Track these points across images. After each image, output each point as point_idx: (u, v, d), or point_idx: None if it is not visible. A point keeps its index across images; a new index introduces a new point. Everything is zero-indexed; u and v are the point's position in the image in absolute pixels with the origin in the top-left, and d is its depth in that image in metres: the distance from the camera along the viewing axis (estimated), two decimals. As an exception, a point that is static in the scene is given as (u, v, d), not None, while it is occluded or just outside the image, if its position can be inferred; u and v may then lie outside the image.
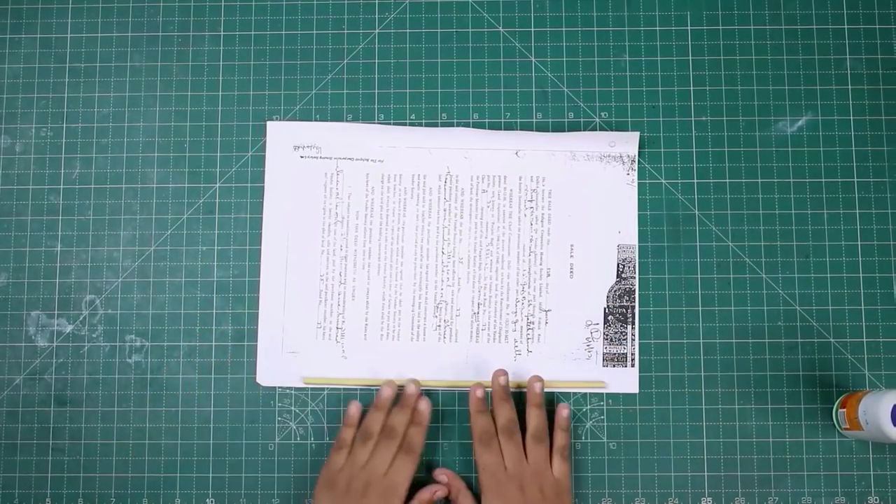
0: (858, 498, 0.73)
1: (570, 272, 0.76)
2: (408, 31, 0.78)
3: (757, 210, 0.76)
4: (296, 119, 0.78)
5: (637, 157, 0.76)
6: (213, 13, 0.79)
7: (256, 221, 0.77)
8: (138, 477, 0.74)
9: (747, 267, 0.76)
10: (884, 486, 0.73)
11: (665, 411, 0.74)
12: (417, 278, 0.76)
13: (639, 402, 0.74)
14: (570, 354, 0.75)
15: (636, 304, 0.75)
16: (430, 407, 0.72)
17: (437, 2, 0.79)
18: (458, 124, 0.77)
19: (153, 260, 0.77)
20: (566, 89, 0.78)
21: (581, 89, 0.78)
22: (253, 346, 0.76)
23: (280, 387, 0.75)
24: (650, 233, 0.76)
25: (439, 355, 0.75)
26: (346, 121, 0.78)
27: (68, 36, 0.79)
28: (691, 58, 0.78)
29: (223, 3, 0.79)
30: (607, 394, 0.75)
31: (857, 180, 0.76)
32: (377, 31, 0.79)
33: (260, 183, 0.77)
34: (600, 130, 0.77)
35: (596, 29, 0.78)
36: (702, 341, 0.75)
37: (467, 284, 0.76)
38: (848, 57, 0.78)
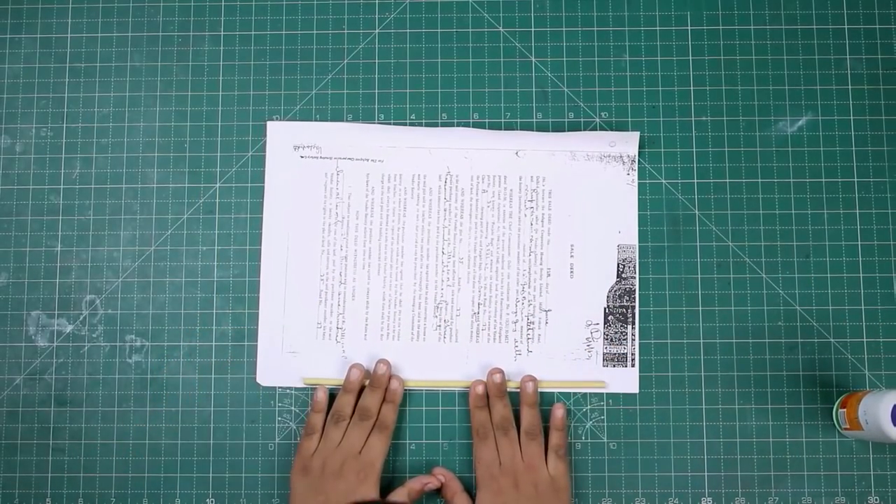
0: (858, 498, 0.73)
1: (571, 272, 0.76)
2: (408, 31, 0.78)
3: (757, 210, 0.76)
4: (296, 119, 0.78)
5: (637, 157, 0.76)
6: (213, 13, 0.79)
7: (256, 221, 0.77)
8: (138, 477, 0.74)
9: (747, 267, 0.76)
10: (884, 486, 0.73)
11: (665, 411, 0.74)
12: (417, 278, 0.76)
13: (639, 402, 0.74)
14: (570, 354, 0.75)
15: (636, 304, 0.75)
16: (402, 385, 0.73)
17: (437, 2, 0.79)
18: (458, 124, 0.77)
19: (153, 260, 0.77)
20: (566, 89, 0.78)
21: (581, 89, 0.78)
22: (253, 346, 0.76)
23: (280, 387, 0.75)
24: (650, 233, 0.76)
25: (439, 355, 0.75)
26: (346, 121, 0.78)
27: (68, 36, 0.79)
28: (691, 58, 0.78)
29: (223, 3, 0.79)
30: (607, 394, 0.75)
31: (857, 180, 0.76)
32: (377, 31, 0.79)
33: (260, 183, 0.77)
34: (600, 130, 0.77)
35: (596, 29, 0.78)
36: (702, 341, 0.75)
37: (467, 284, 0.76)
38: (848, 57, 0.78)
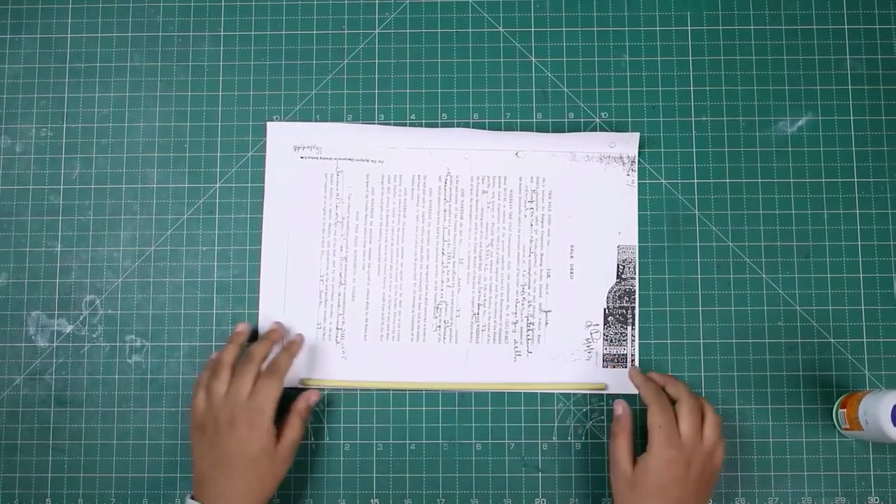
0: (858, 498, 0.73)
1: (570, 273, 0.76)
2: (408, 31, 0.78)
3: (757, 210, 0.76)
4: (296, 119, 0.78)
5: (637, 157, 0.76)
6: (213, 13, 0.79)
7: (256, 221, 0.77)
8: (138, 477, 0.74)
9: (747, 267, 0.76)
10: (884, 486, 0.73)
11: (665, 411, 0.74)
12: (417, 279, 0.76)
13: (639, 403, 0.74)
14: (570, 355, 0.75)
15: (636, 305, 0.75)
16: (303, 339, 0.73)
17: (437, 2, 0.79)
18: (458, 124, 0.77)
19: (153, 260, 0.77)
20: (566, 89, 0.78)
21: (581, 89, 0.78)
22: (253, 346, 0.76)
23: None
24: (650, 233, 0.76)
25: (439, 356, 0.75)
26: (347, 121, 0.78)
27: (68, 36, 0.79)
28: (691, 58, 0.78)
29: (223, 3, 0.79)
30: (608, 394, 0.75)
31: (857, 180, 0.76)
32: (377, 31, 0.79)
33: (260, 183, 0.77)
34: (600, 131, 0.77)
35: (596, 29, 0.78)
36: (702, 341, 0.75)
37: (467, 285, 0.76)
38: (848, 57, 0.78)
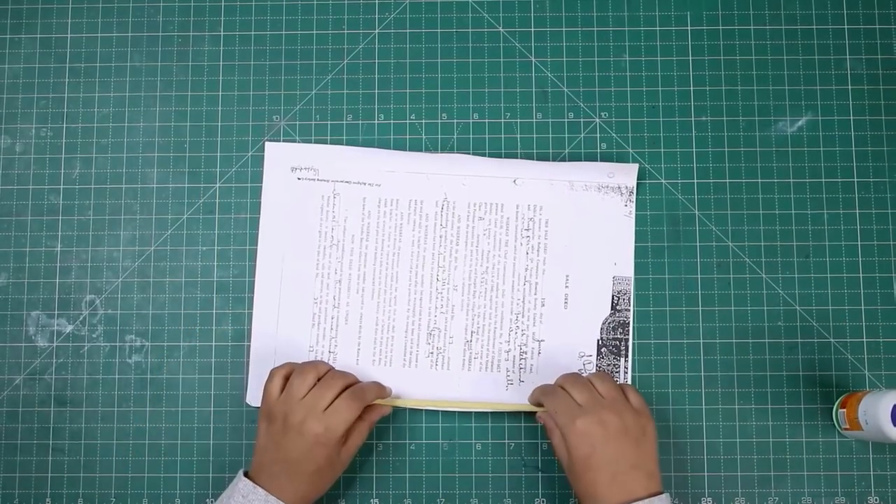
0: (858, 498, 0.73)
1: (565, 302, 0.75)
2: (408, 31, 0.78)
3: (757, 210, 0.76)
4: (296, 119, 0.77)
5: (636, 188, 0.76)
6: (213, 13, 0.79)
7: (256, 222, 0.77)
8: (138, 477, 0.74)
9: (747, 267, 0.76)
10: (884, 486, 0.73)
11: (665, 411, 0.74)
12: (411, 304, 0.75)
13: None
14: None
15: (630, 337, 0.75)
16: (391, 392, 0.73)
17: (437, 2, 0.79)
18: (458, 124, 0.77)
19: (153, 260, 0.77)
20: (566, 89, 0.78)
21: (581, 89, 0.78)
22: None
23: None
24: (650, 233, 0.76)
25: (431, 382, 0.74)
26: (347, 121, 0.78)
27: (68, 36, 0.79)
28: (691, 58, 0.78)
29: (223, 3, 0.79)
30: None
31: (857, 180, 0.76)
32: (377, 31, 0.79)
33: (260, 183, 0.77)
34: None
35: (596, 29, 0.78)
36: (702, 341, 0.75)
37: (461, 312, 0.75)
38: (848, 57, 0.78)
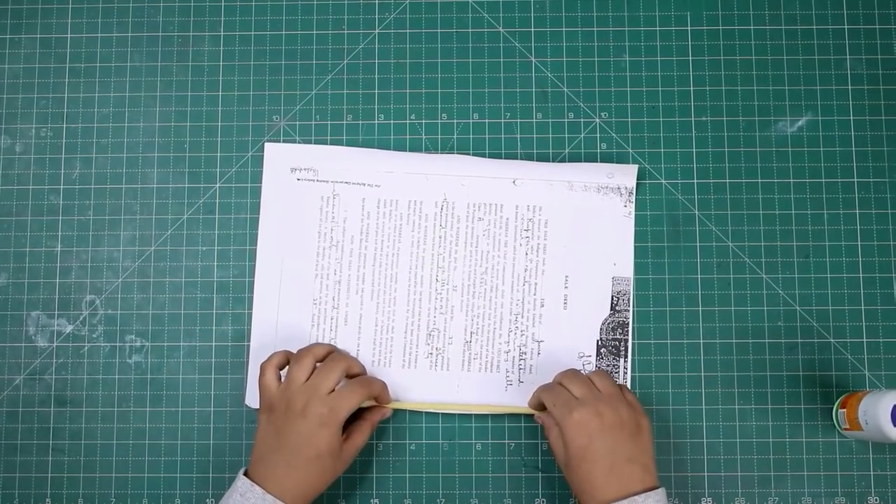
0: (858, 498, 0.73)
1: (564, 303, 0.75)
2: (408, 31, 0.78)
3: (757, 210, 0.76)
4: (296, 119, 0.77)
5: (635, 189, 0.76)
6: (213, 13, 0.79)
7: (256, 221, 0.77)
8: (138, 477, 0.74)
9: (747, 267, 0.76)
10: (884, 486, 0.73)
11: (665, 411, 0.74)
12: (410, 305, 0.75)
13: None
14: None
15: (629, 338, 0.75)
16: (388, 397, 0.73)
17: (437, 2, 0.79)
18: (458, 124, 0.77)
19: (153, 260, 0.77)
20: (566, 89, 0.78)
21: (581, 89, 0.78)
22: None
23: None
24: (650, 233, 0.76)
25: (430, 383, 0.74)
26: (347, 121, 0.78)
27: (68, 36, 0.79)
28: (691, 58, 0.78)
29: (223, 3, 0.79)
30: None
31: (857, 180, 0.76)
32: (377, 31, 0.79)
33: (260, 183, 0.77)
34: (599, 162, 0.76)
35: (596, 29, 0.78)
36: (702, 341, 0.75)
37: (460, 313, 0.75)
38: (848, 57, 0.78)
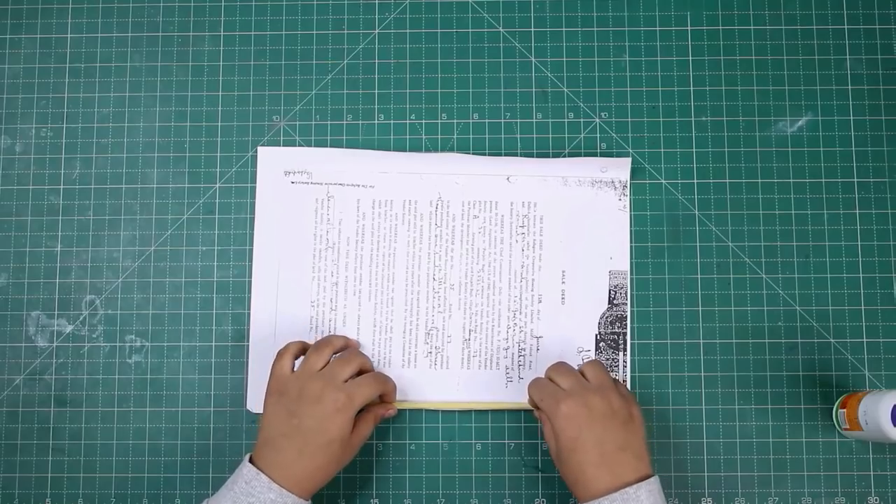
0: (858, 498, 0.73)
1: (562, 298, 0.75)
2: (408, 31, 0.78)
3: (757, 210, 0.76)
4: (296, 120, 0.78)
5: (629, 182, 0.76)
6: (213, 13, 0.79)
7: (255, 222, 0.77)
8: (138, 477, 0.74)
9: (747, 267, 0.76)
10: (884, 486, 0.73)
11: (665, 411, 0.74)
12: (408, 305, 0.75)
13: (638, 403, 0.74)
14: None
15: (628, 331, 0.75)
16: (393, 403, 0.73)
17: (437, 2, 0.79)
18: (458, 124, 0.77)
19: (153, 260, 0.77)
20: (566, 89, 0.78)
21: (581, 89, 0.78)
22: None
23: None
24: (650, 233, 0.76)
25: (430, 382, 0.74)
26: (347, 121, 0.78)
27: (68, 36, 0.79)
28: (691, 58, 0.78)
29: (223, 3, 0.79)
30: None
31: (857, 180, 0.76)
32: (377, 31, 0.79)
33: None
34: (592, 157, 0.76)
35: (596, 29, 0.78)
36: (702, 341, 0.75)
37: (458, 311, 0.75)
38: (848, 57, 0.78)
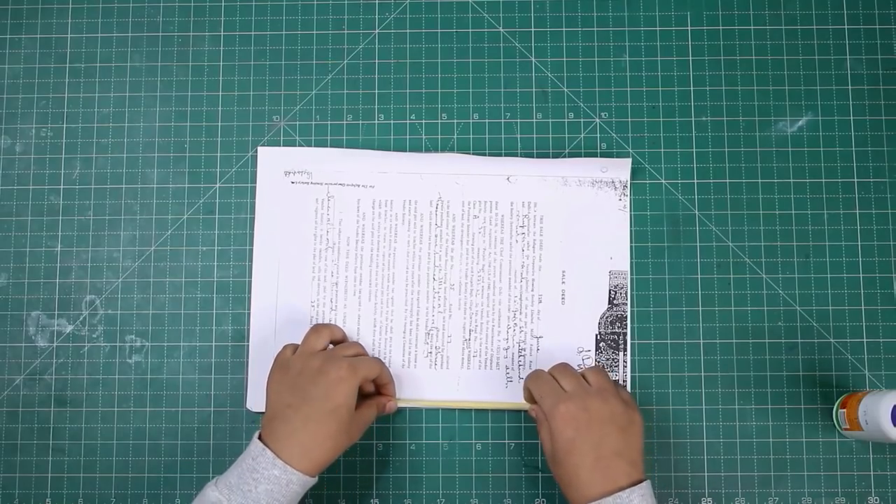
0: (858, 498, 0.73)
1: (562, 298, 0.75)
2: (408, 31, 0.78)
3: (757, 210, 0.76)
4: (296, 120, 0.78)
5: (630, 182, 0.76)
6: (213, 13, 0.79)
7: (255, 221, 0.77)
8: (138, 477, 0.74)
9: (747, 267, 0.76)
10: (884, 486, 0.73)
11: (665, 411, 0.74)
12: (408, 305, 0.75)
13: (638, 403, 0.74)
14: None
15: (628, 331, 0.75)
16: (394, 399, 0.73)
17: (437, 2, 0.79)
18: (458, 124, 0.77)
19: (153, 260, 0.77)
20: (566, 89, 0.78)
21: (581, 89, 0.78)
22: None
23: None
24: (650, 233, 0.76)
25: (430, 382, 0.74)
26: (347, 121, 0.78)
27: (68, 36, 0.79)
28: (691, 58, 0.78)
29: (223, 3, 0.79)
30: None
31: (857, 180, 0.76)
32: (377, 31, 0.79)
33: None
34: (592, 158, 0.76)
35: (596, 29, 0.78)
36: (702, 341, 0.75)
37: (458, 311, 0.75)
38: (848, 57, 0.78)
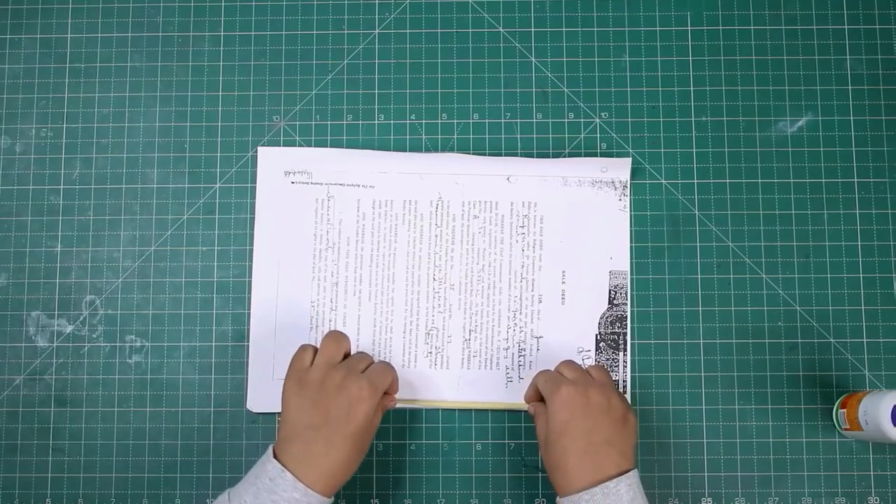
0: (858, 498, 0.73)
1: (562, 298, 0.75)
2: (408, 31, 0.78)
3: (757, 210, 0.76)
4: (296, 120, 0.78)
5: (630, 182, 0.76)
6: (213, 13, 0.79)
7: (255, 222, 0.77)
8: (138, 477, 0.74)
9: (747, 267, 0.76)
10: (884, 486, 0.73)
11: (665, 411, 0.74)
12: (408, 305, 0.75)
13: (639, 403, 0.74)
14: None
15: (628, 331, 0.75)
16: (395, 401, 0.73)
17: (437, 2, 0.79)
18: (458, 124, 0.77)
19: (153, 260, 0.77)
20: (566, 89, 0.78)
21: (581, 89, 0.78)
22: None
23: (273, 412, 0.74)
24: (650, 233, 0.76)
25: (430, 382, 0.74)
26: (347, 121, 0.78)
27: (68, 36, 0.79)
28: (691, 58, 0.78)
29: (223, 3, 0.79)
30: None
31: (857, 180, 0.76)
32: (377, 31, 0.79)
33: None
34: (592, 157, 0.76)
35: (596, 29, 0.78)
36: (702, 341, 0.75)
37: (458, 311, 0.75)
38: (848, 57, 0.78)
